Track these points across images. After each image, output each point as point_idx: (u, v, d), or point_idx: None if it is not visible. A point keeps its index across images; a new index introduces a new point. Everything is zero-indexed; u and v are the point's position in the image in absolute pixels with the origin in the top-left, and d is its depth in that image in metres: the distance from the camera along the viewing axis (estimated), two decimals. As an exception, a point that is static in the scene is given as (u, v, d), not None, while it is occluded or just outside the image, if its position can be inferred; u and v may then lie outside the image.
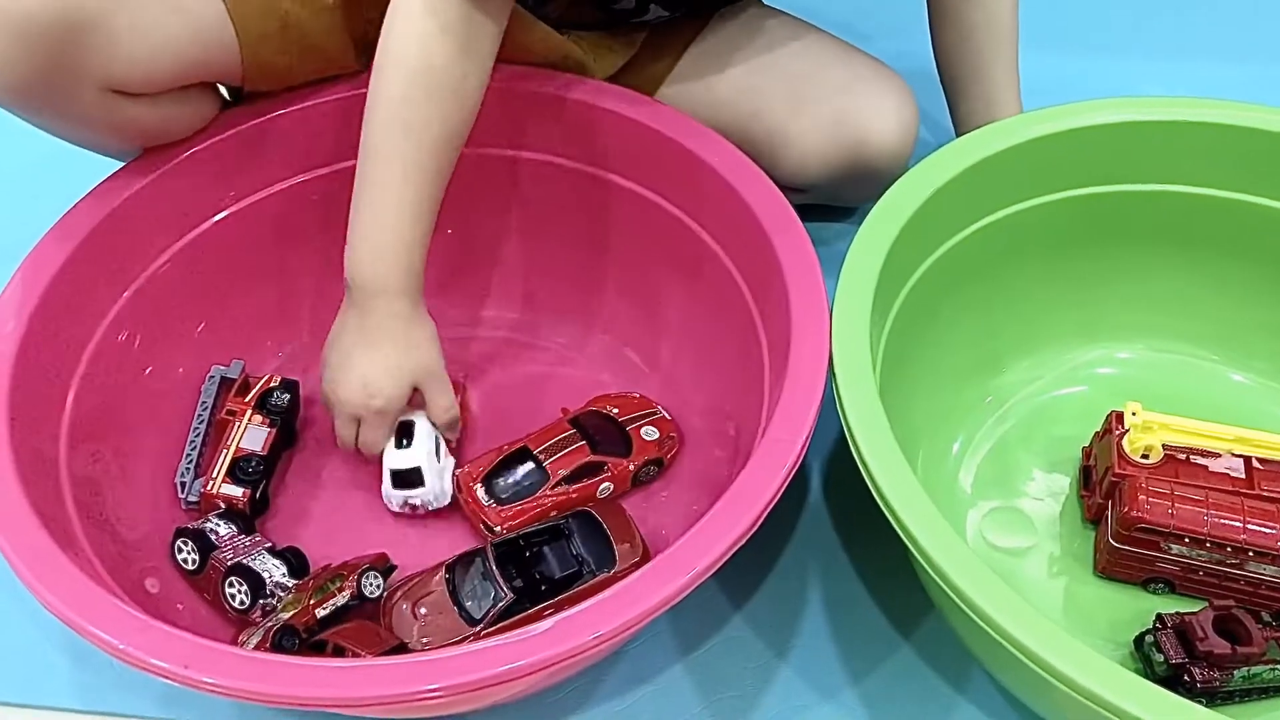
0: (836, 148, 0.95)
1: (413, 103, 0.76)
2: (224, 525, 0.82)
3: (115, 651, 0.59)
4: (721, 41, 0.99)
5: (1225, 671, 0.75)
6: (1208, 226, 0.90)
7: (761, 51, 0.98)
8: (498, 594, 0.79)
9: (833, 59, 0.98)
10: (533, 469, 0.87)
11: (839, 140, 0.95)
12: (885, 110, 0.95)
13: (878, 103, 0.95)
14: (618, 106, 0.88)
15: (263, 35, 0.81)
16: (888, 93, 0.96)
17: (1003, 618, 0.61)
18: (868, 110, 0.94)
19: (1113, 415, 0.86)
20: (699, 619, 0.83)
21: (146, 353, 0.85)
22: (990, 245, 0.88)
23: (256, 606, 0.77)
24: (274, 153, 0.88)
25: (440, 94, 0.77)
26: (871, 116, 0.94)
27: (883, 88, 0.96)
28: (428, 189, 0.79)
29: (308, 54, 0.85)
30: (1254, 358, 0.94)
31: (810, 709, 0.79)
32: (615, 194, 0.91)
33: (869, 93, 0.95)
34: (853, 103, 0.95)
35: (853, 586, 0.85)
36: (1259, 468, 0.83)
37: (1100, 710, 0.59)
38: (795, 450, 0.68)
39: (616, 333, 0.98)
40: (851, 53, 0.99)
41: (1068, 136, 0.86)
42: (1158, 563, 0.81)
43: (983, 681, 0.80)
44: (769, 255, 0.79)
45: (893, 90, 0.96)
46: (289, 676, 0.58)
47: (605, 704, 0.80)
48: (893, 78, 0.98)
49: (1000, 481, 0.89)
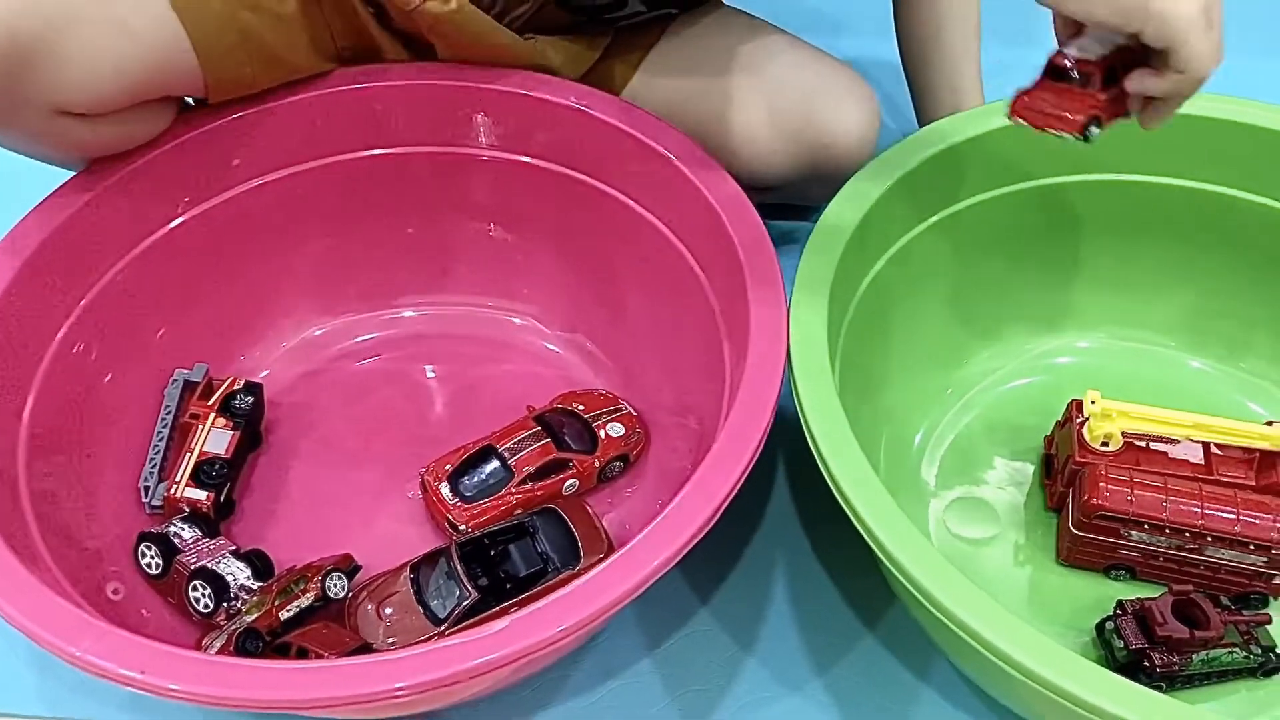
0: (799, 151, 0.95)
1: None
2: (188, 529, 0.82)
3: (71, 658, 0.59)
4: (685, 43, 0.99)
5: (1184, 656, 0.76)
6: (1166, 215, 0.91)
7: (725, 54, 0.98)
8: (462, 593, 0.79)
9: (796, 62, 0.98)
10: (498, 467, 0.87)
11: (802, 144, 0.95)
12: (848, 114, 0.95)
13: (841, 107, 0.95)
14: (583, 103, 0.88)
15: (222, 50, 0.80)
16: (851, 96, 0.96)
17: (960, 609, 0.62)
18: (831, 115, 0.95)
19: (1073, 404, 0.86)
20: (665, 613, 0.84)
21: (105, 360, 0.84)
22: (951, 236, 0.88)
23: (221, 610, 0.77)
24: (232, 156, 0.88)
25: None
26: (835, 122, 0.95)
27: (846, 91, 0.97)
28: None
29: (270, 64, 0.85)
30: (1211, 344, 0.95)
31: (776, 700, 0.80)
32: (580, 191, 0.91)
33: (832, 96, 0.96)
34: (816, 107, 0.95)
35: (817, 579, 0.86)
36: (1217, 453, 0.84)
37: (1056, 697, 0.60)
38: (754, 443, 0.68)
39: (582, 330, 0.98)
40: (815, 55, 0.99)
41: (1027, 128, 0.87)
42: (1119, 549, 0.82)
43: (946, 671, 0.81)
44: (729, 250, 0.80)
45: (856, 93, 0.97)
46: (247, 679, 0.58)
47: (572, 699, 0.80)
48: (855, 79, 0.98)
49: (963, 472, 0.90)
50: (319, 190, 0.92)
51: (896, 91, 1.07)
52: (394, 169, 0.92)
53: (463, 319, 1.00)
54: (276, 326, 0.97)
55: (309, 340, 0.98)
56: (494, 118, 0.90)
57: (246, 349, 0.96)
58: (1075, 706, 0.59)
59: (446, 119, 0.90)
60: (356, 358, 0.98)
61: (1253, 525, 0.78)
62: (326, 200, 0.92)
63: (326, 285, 0.97)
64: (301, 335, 0.98)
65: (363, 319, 0.99)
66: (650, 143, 0.85)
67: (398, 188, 0.93)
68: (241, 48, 0.81)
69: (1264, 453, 0.83)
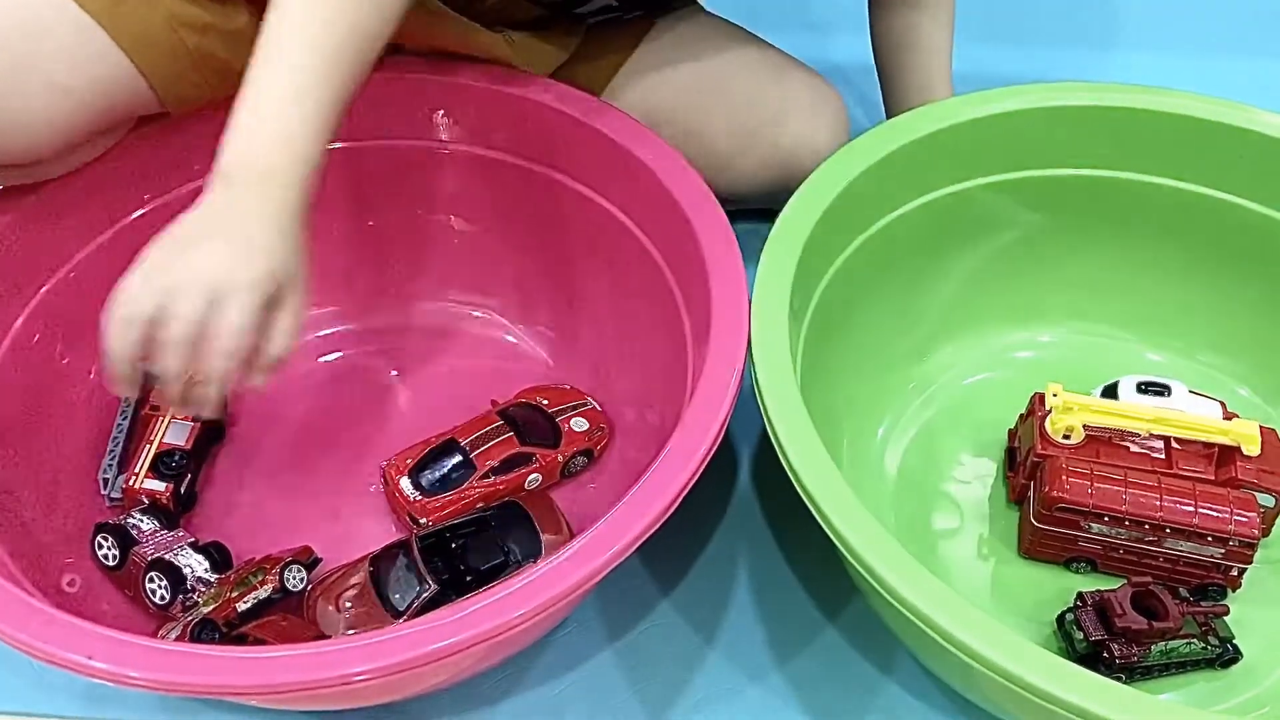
0: (769, 173, 0.97)
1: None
2: (146, 521, 0.81)
3: (17, 643, 0.58)
4: (662, 52, 0.99)
5: (1143, 647, 0.77)
6: (1128, 210, 0.91)
7: (700, 68, 0.98)
8: (422, 586, 0.78)
9: (769, 77, 0.98)
10: (460, 461, 0.87)
11: (772, 165, 0.97)
12: (817, 133, 0.97)
13: (811, 123, 0.97)
14: (545, 98, 0.88)
15: (175, 75, 0.79)
16: (819, 113, 0.98)
17: (920, 601, 0.62)
18: (799, 133, 0.96)
19: (1036, 397, 0.87)
20: (627, 605, 0.83)
21: (64, 350, 0.83)
22: (914, 231, 0.88)
23: (177, 602, 0.77)
24: (193, 150, 0.87)
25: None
26: (803, 142, 0.96)
27: (814, 107, 0.98)
28: (348, 80, 0.69)
29: (227, 78, 0.83)
30: (1170, 336, 0.95)
31: (738, 692, 0.80)
32: (543, 185, 0.91)
33: (802, 115, 0.97)
34: (785, 129, 0.96)
35: (780, 571, 0.86)
36: (1177, 447, 0.84)
37: (1016, 689, 0.60)
38: (711, 434, 0.68)
39: (545, 324, 0.98)
40: (784, 69, 1.00)
41: (993, 121, 0.87)
42: (1079, 542, 0.82)
43: (908, 663, 0.81)
44: (693, 244, 0.79)
45: (825, 109, 0.98)
46: (198, 665, 0.57)
47: (534, 690, 0.80)
48: (824, 92, 0.99)
49: (926, 465, 0.90)
50: (281, 183, 0.91)
51: (871, 90, 1.07)
52: (354, 162, 0.91)
53: (426, 313, 0.99)
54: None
55: (272, 334, 0.97)
56: (454, 112, 0.90)
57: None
58: (1035, 697, 0.59)
59: (406, 113, 0.89)
60: (319, 352, 0.97)
61: (1210, 518, 0.79)
62: (288, 193, 0.92)
63: (288, 279, 0.97)
64: (264, 329, 0.97)
65: (325, 313, 0.98)
66: (614, 137, 0.85)
67: (358, 181, 0.92)
68: (195, 70, 0.80)
69: (1223, 447, 0.83)
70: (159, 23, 0.76)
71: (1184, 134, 0.87)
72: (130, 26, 0.75)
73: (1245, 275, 0.91)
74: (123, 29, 0.75)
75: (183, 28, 0.77)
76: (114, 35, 0.75)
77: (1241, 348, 0.94)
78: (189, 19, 0.78)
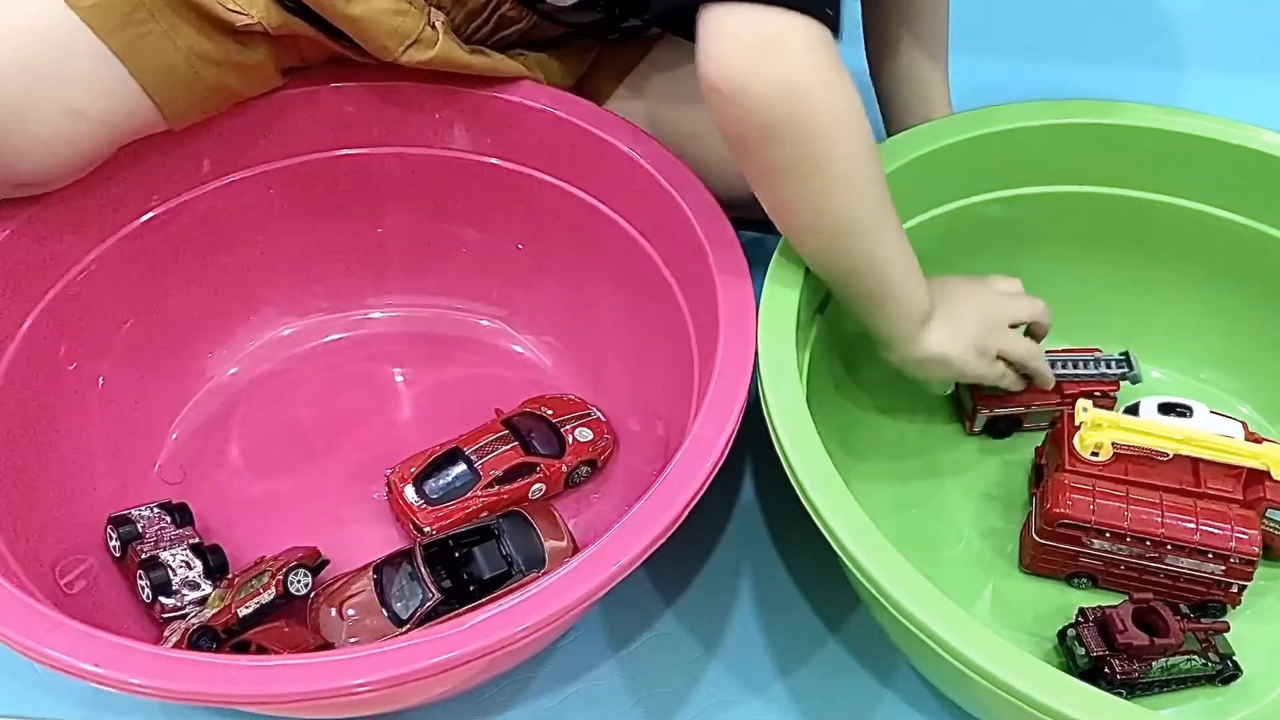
0: None
1: (864, 144, 0.72)
2: (157, 515, 0.82)
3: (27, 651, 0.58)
4: (668, 61, 0.98)
5: (1144, 663, 0.77)
6: (1130, 228, 0.92)
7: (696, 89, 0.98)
8: (425, 595, 0.78)
9: None
10: (464, 470, 0.87)
11: None
12: None
13: None
14: (554, 107, 0.88)
15: (190, 106, 0.80)
16: None
17: (923, 613, 0.62)
18: None
19: (1065, 413, 0.85)
20: (630, 616, 0.84)
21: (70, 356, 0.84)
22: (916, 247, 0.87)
23: (157, 603, 0.77)
24: (202, 155, 0.87)
25: (860, 115, 0.71)
26: None
27: None
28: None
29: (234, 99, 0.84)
30: (1172, 354, 0.96)
31: (739, 704, 0.80)
32: (550, 194, 0.91)
33: None
34: None
35: (782, 583, 0.86)
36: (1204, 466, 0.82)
37: (1017, 702, 0.60)
38: (719, 447, 0.68)
39: (551, 333, 0.98)
40: None
41: (994, 139, 0.88)
42: (1081, 557, 0.82)
43: (909, 675, 0.81)
44: (699, 256, 0.80)
45: None
46: (204, 674, 0.58)
47: (536, 700, 0.80)
48: None
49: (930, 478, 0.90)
50: (289, 189, 0.91)
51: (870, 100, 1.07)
52: (364, 169, 0.92)
53: (431, 321, 1.00)
54: (245, 325, 0.96)
55: (277, 339, 0.98)
56: (465, 120, 0.90)
57: (214, 347, 0.96)
58: (1037, 712, 0.59)
59: (417, 120, 0.89)
60: (324, 358, 0.98)
61: (1211, 534, 0.79)
62: (296, 200, 0.92)
63: (295, 285, 0.97)
64: (270, 334, 0.97)
65: (331, 319, 0.99)
66: (622, 146, 0.86)
67: (368, 188, 0.93)
68: (209, 100, 0.81)
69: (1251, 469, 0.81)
70: (180, 60, 0.77)
71: (1187, 152, 0.87)
72: (151, 63, 0.76)
73: (1247, 293, 0.91)
74: (144, 65, 0.75)
75: (201, 62, 0.78)
76: (134, 71, 0.75)
77: (1243, 365, 0.94)
78: (208, 54, 0.78)
